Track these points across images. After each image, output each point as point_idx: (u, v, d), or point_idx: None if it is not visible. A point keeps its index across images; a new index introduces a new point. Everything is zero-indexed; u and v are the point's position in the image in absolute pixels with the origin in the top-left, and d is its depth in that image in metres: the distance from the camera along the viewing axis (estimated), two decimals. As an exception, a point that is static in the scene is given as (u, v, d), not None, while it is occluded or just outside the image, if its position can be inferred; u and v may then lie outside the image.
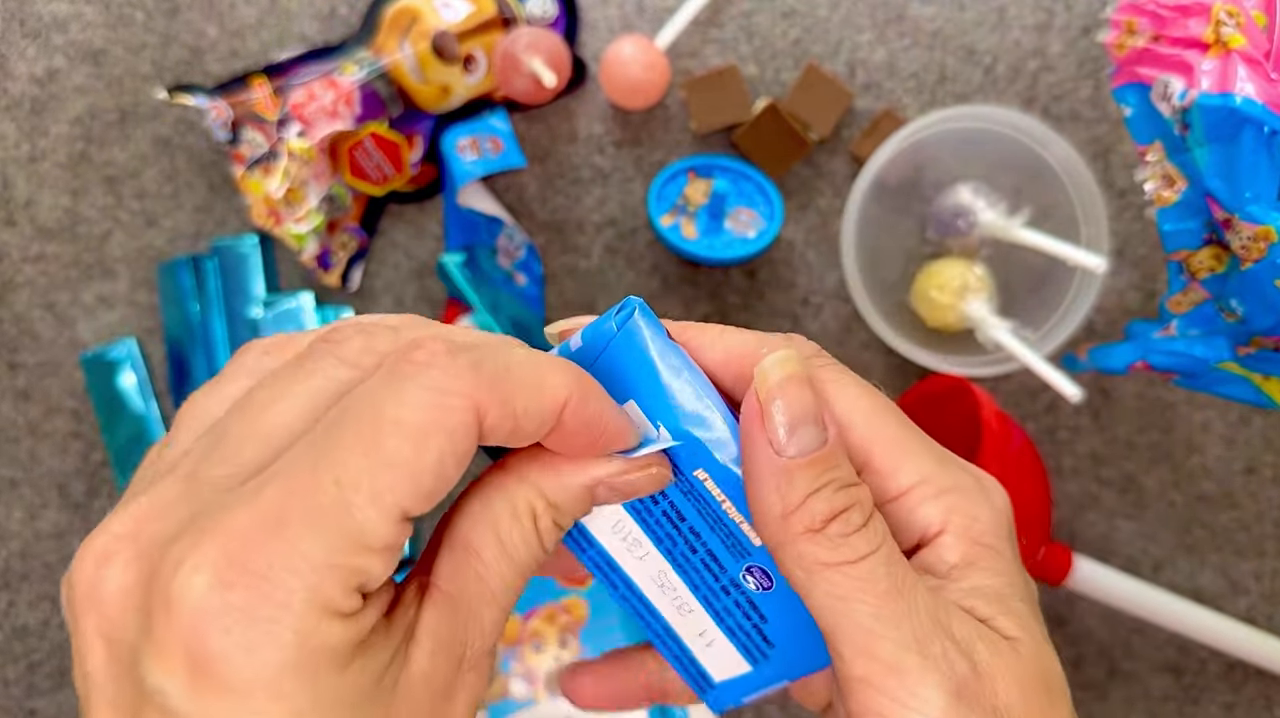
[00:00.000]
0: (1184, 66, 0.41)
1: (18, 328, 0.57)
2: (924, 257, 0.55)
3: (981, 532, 0.25)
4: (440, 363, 0.21)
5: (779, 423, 0.24)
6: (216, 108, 0.53)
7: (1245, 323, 0.43)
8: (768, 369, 0.25)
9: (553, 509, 0.24)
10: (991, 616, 0.24)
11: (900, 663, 0.23)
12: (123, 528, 0.21)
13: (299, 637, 0.19)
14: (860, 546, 0.23)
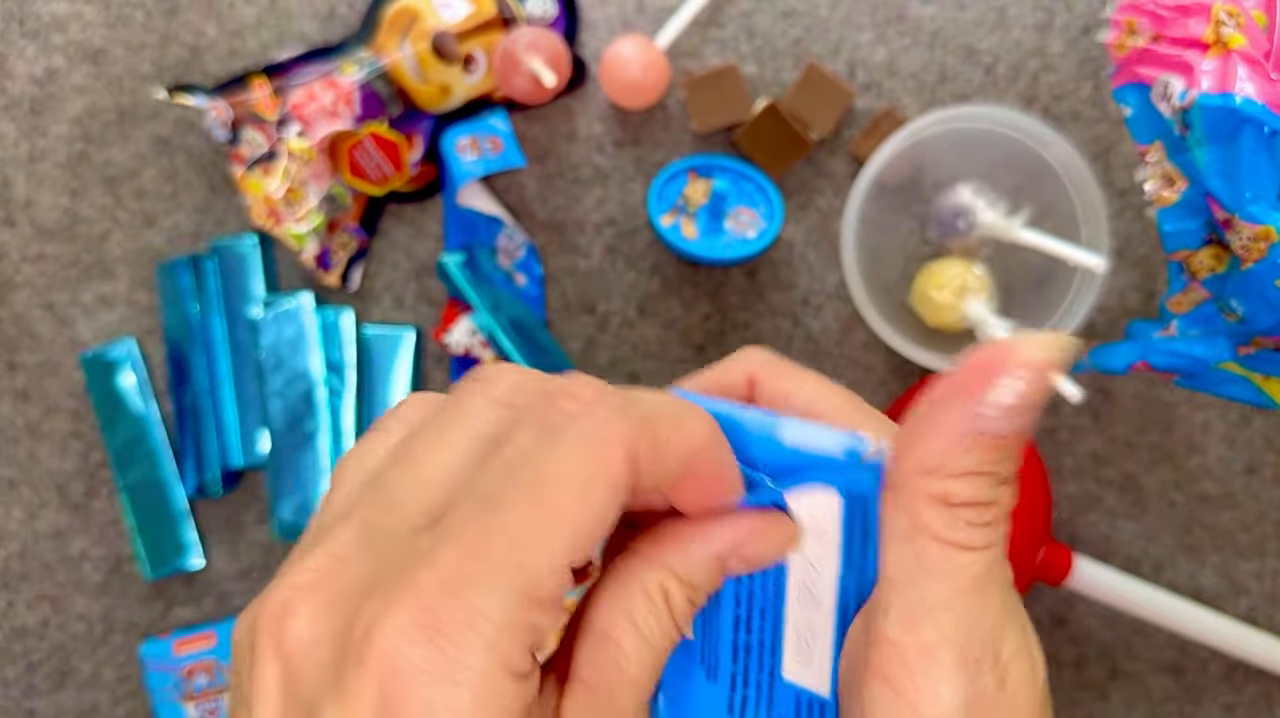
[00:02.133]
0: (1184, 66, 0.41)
1: (17, 328, 0.57)
2: (924, 257, 0.55)
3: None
4: (593, 411, 0.22)
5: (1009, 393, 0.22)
6: (216, 108, 0.53)
7: (1246, 323, 0.43)
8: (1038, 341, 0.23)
9: (686, 588, 0.24)
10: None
11: (937, 653, 0.23)
12: (304, 580, 0.22)
13: (478, 696, 0.20)
14: (978, 538, 0.23)
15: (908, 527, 0.24)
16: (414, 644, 0.20)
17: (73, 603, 0.58)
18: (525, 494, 0.21)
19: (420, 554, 0.21)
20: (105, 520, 0.58)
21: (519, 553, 0.21)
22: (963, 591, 0.23)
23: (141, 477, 0.57)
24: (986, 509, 0.23)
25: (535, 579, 0.21)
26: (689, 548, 0.24)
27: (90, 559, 0.58)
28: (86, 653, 0.58)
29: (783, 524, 0.25)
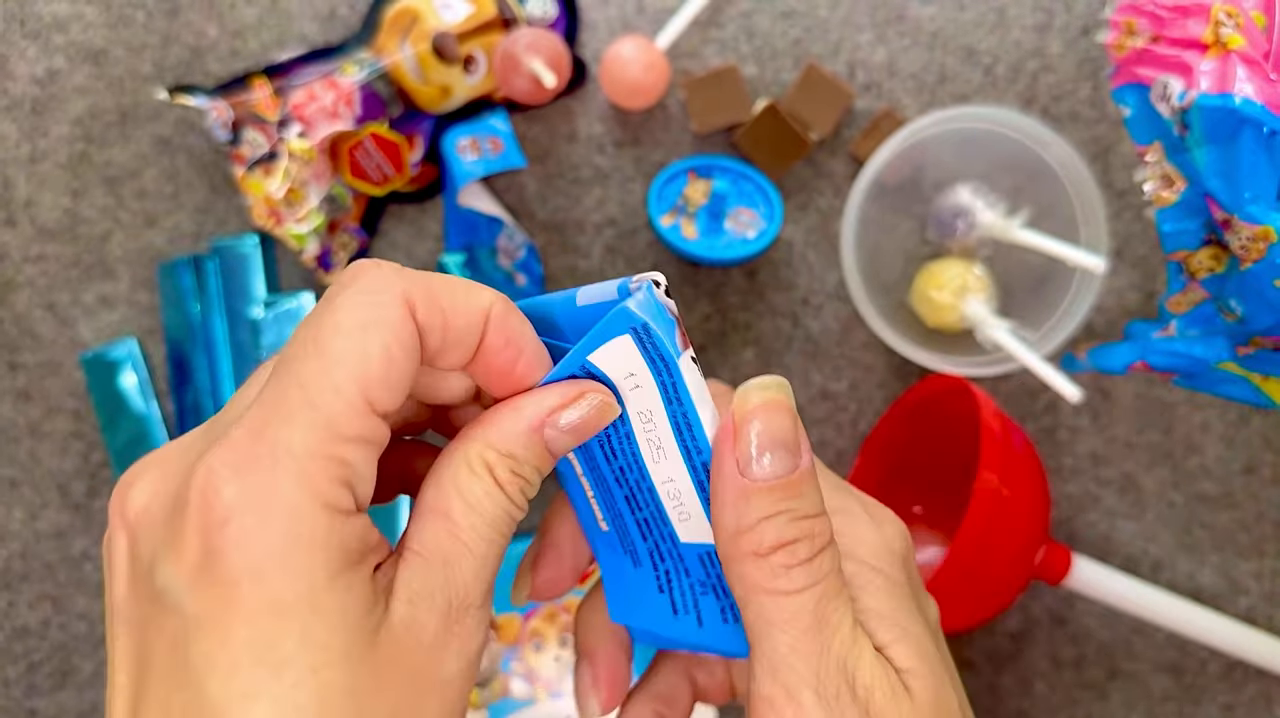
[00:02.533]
0: (1183, 67, 0.41)
1: (18, 328, 0.57)
2: (923, 257, 0.55)
3: (866, 555, 0.26)
4: (368, 272, 0.24)
5: (751, 443, 0.25)
6: (217, 108, 0.53)
7: (1244, 323, 0.43)
8: (750, 390, 0.25)
9: (507, 459, 0.25)
10: (888, 642, 0.25)
11: (798, 696, 0.24)
12: (148, 459, 0.25)
13: (291, 521, 0.22)
14: (798, 579, 0.24)
15: (742, 591, 0.25)
16: (226, 482, 0.22)
17: (74, 603, 0.58)
18: (308, 347, 0.23)
19: (236, 422, 0.23)
20: (106, 520, 0.58)
21: (309, 394, 0.23)
22: (805, 631, 0.24)
23: (142, 477, 0.57)
24: (795, 548, 0.24)
25: (330, 415, 0.22)
26: (501, 422, 0.25)
27: (91, 559, 0.58)
28: (88, 653, 0.58)
29: (586, 387, 0.26)
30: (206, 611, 0.21)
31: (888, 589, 0.26)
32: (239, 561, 0.21)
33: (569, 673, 0.55)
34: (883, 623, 0.26)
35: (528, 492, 0.25)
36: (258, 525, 0.21)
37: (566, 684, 0.55)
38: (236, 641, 0.21)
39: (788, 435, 0.25)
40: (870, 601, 0.26)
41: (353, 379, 0.23)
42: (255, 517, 0.21)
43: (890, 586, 0.26)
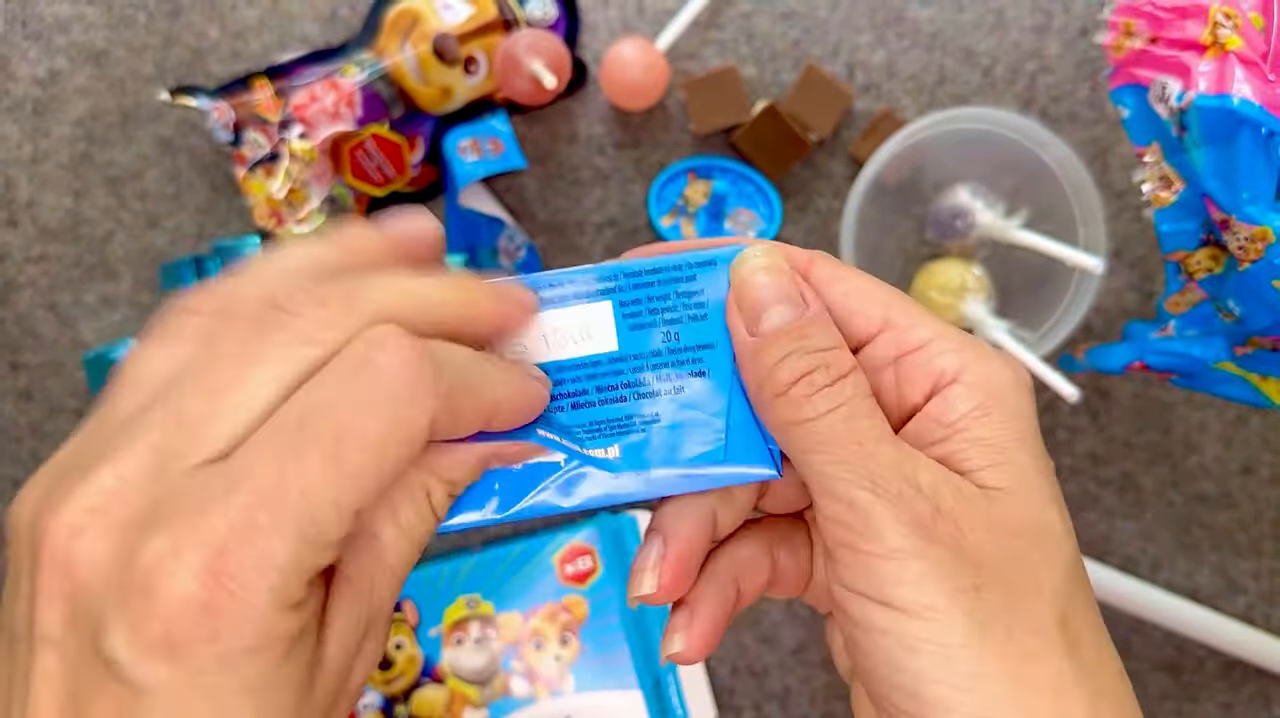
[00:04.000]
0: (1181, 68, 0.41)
1: (20, 328, 0.57)
2: (923, 257, 0.55)
3: (996, 385, 0.26)
4: (404, 373, 0.22)
5: (755, 304, 0.26)
6: (218, 109, 0.53)
7: (1242, 323, 0.43)
8: (744, 258, 0.26)
9: (448, 484, 0.25)
10: (980, 467, 0.25)
11: (855, 499, 0.24)
12: (93, 503, 0.22)
13: (259, 631, 0.21)
14: (820, 404, 0.25)
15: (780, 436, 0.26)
16: (204, 588, 0.21)
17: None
18: (323, 448, 0.21)
19: (211, 495, 0.21)
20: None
21: (310, 506, 0.21)
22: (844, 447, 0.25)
23: (144, 476, 0.57)
24: (812, 377, 0.25)
25: (323, 530, 0.21)
26: (456, 454, 0.25)
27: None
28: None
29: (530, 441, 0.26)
30: (164, 686, 0.21)
31: (1006, 418, 0.25)
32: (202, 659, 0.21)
33: (569, 672, 0.55)
34: (982, 449, 0.25)
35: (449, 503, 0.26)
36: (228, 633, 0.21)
37: (567, 683, 0.55)
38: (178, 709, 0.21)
39: (787, 290, 0.26)
40: (980, 429, 0.25)
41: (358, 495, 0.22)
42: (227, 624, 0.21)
43: (1010, 414, 0.25)
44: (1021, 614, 0.24)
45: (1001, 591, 0.24)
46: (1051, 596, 0.24)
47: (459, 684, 0.55)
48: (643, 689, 0.55)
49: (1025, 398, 0.26)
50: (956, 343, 0.26)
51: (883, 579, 0.24)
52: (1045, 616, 0.24)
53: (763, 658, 0.57)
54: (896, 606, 0.23)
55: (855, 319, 0.27)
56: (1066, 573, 0.25)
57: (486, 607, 0.56)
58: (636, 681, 0.55)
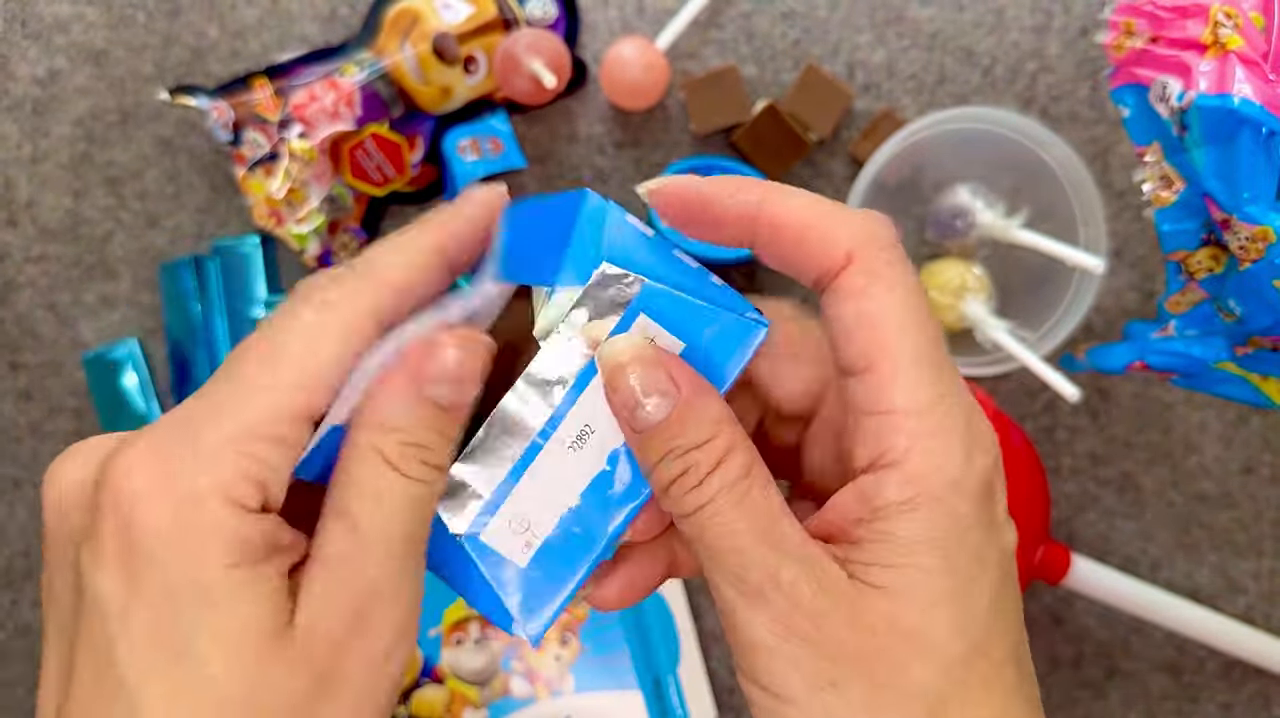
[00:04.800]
0: (1182, 68, 0.41)
1: (19, 328, 0.57)
2: (923, 257, 0.55)
3: (936, 481, 0.24)
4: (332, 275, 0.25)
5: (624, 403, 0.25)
6: (218, 109, 0.53)
7: (1243, 323, 0.43)
8: (606, 358, 0.26)
9: (395, 435, 0.25)
10: (872, 562, 0.24)
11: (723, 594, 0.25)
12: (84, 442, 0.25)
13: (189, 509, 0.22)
14: (689, 504, 0.25)
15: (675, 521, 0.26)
16: (138, 469, 0.23)
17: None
18: (259, 341, 0.24)
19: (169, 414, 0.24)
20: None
21: (242, 387, 0.23)
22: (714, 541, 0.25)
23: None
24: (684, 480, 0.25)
25: (257, 410, 0.23)
26: (378, 398, 0.25)
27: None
28: (89, 652, 0.58)
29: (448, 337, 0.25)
30: (113, 593, 0.22)
31: (925, 518, 0.24)
32: (148, 545, 0.22)
33: (569, 672, 0.55)
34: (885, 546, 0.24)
35: (434, 458, 0.25)
36: (159, 512, 0.22)
37: (567, 683, 0.55)
38: (137, 623, 0.22)
39: (654, 382, 0.25)
40: (894, 524, 0.24)
41: (296, 385, 0.23)
42: (158, 503, 0.22)
43: (934, 516, 0.24)
44: (884, 713, 0.24)
45: (863, 687, 0.24)
46: (924, 695, 0.24)
47: (459, 685, 0.55)
48: (643, 689, 0.55)
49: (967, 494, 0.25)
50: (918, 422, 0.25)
51: (753, 666, 0.25)
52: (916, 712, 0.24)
53: (763, 658, 0.57)
54: (769, 691, 0.24)
55: (848, 349, 0.25)
56: (948, 674, 0.24)
57: (486, 607, 0.56)
58: (636, 681, 0.55)
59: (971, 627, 0.24)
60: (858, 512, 0.25)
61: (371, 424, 0.25)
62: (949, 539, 0.24)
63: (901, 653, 0.24)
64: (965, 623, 0.24)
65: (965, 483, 0.24)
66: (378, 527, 0.24)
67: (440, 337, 0.25)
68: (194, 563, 0.22)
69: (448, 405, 0.25)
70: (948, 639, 0.24)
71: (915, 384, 0.25)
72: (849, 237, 0.26)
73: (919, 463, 0.24)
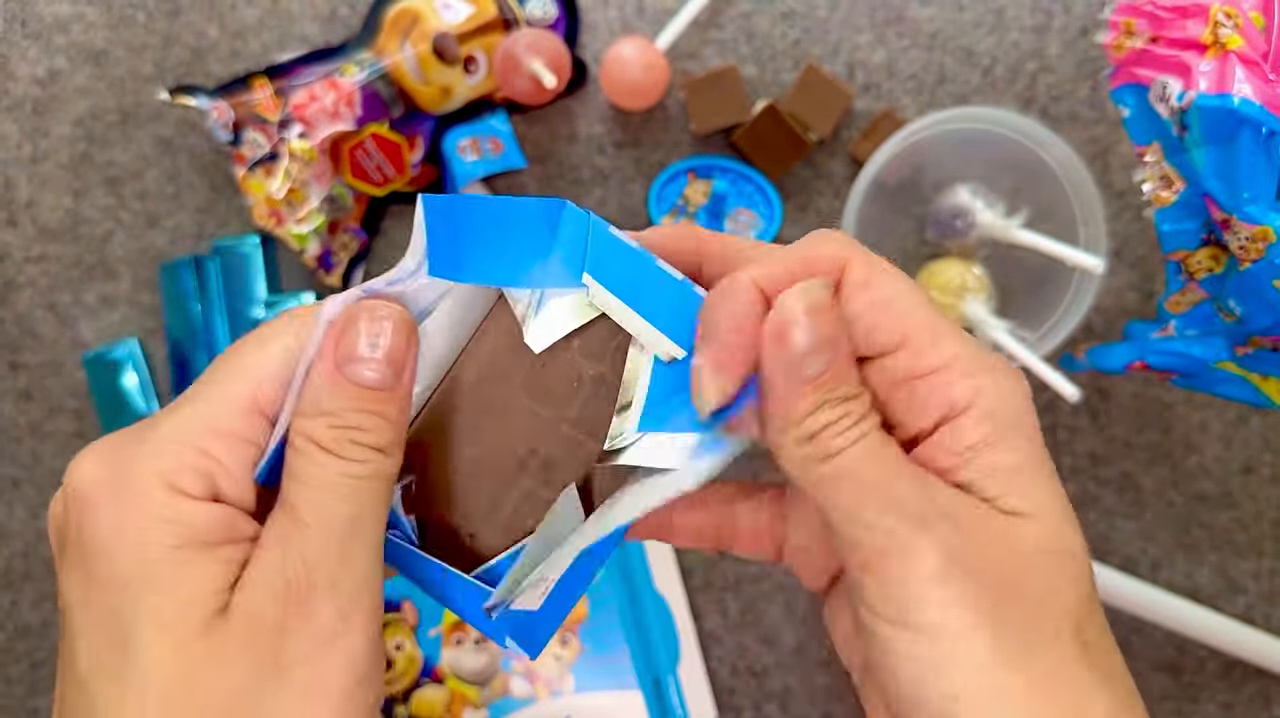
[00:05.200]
0: (1182, 68, 0.41)
1: (19, 328, 0.57)
2: (923, 257, 0.55)
3: (1006, 413, 0.26)
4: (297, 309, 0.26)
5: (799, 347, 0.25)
6: (218, 109, 0.53)
7: (1243, 323, 0.43)
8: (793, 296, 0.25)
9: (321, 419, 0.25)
10: (1000, 494, 0.25)
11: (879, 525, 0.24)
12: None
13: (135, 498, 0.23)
14: (842, 441, 0.25)
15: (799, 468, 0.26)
16: (94, 465, 0.24)
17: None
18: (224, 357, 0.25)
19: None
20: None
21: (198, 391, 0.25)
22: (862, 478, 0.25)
23: (144, 476, 0.57)
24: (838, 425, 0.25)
25: (209, 409, 0.24)
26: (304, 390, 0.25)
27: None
28: (89, 652, 0.58)
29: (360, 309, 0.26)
30: (72, 591, 0.24)
31: (1017, 444, 0.26)
32: (95, 539, 0.23)
33: (569, 672, 0.55)
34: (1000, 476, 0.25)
35: (369, 439, 0.25)
36: (110, 505, 0.23)
37: (567, 683, 0.55)
38: (92, 618, 0.23)
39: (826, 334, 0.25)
40: (994, 456, 0.25)
41: (242, 380, 0.25)
42: (105, 497, 0.23)
43: (1022, 442, 0.26)
44: (1042, 632, 0.24)
45: (1023, 610, 0.24)
46: (1070, 612, 0.25)
47: (459, 685, 0.55)
48: (643, 689, 0.55)
49: (1033, 420, 0.26)
50: (971, 367, 0.26)
51: (907, 603, 0.24)
52: (1065, 632, 0.24)
53: (763, 658, 0.57)
54: (922, 628, 0.24)
55: (876, 333, 0.26)
56: (1083, 589, 0.25)
57: (486, 607, 0.56)
58: (636, 681, 0.55)
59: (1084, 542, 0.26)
60: (947, 461, 0.26)
61: (300, 410, 0.25)
62: (1041, 462, 0.26)
63: (1054, 575, 0.25)
64: (1083, 542, 0.26)
65: (1029, 415, 0.26)
66: (313, 510, 0.24)
67: (352, 309, 0.25)
68: (137, 549, 0.23)
69: (373, 385, 0.25)
70: (1082, 555, 0.25)
71: (951, 342, 0.26)
72: (836, 250, 0.27)
73: (987, 402, 0.25)
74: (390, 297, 0.26)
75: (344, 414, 0.25)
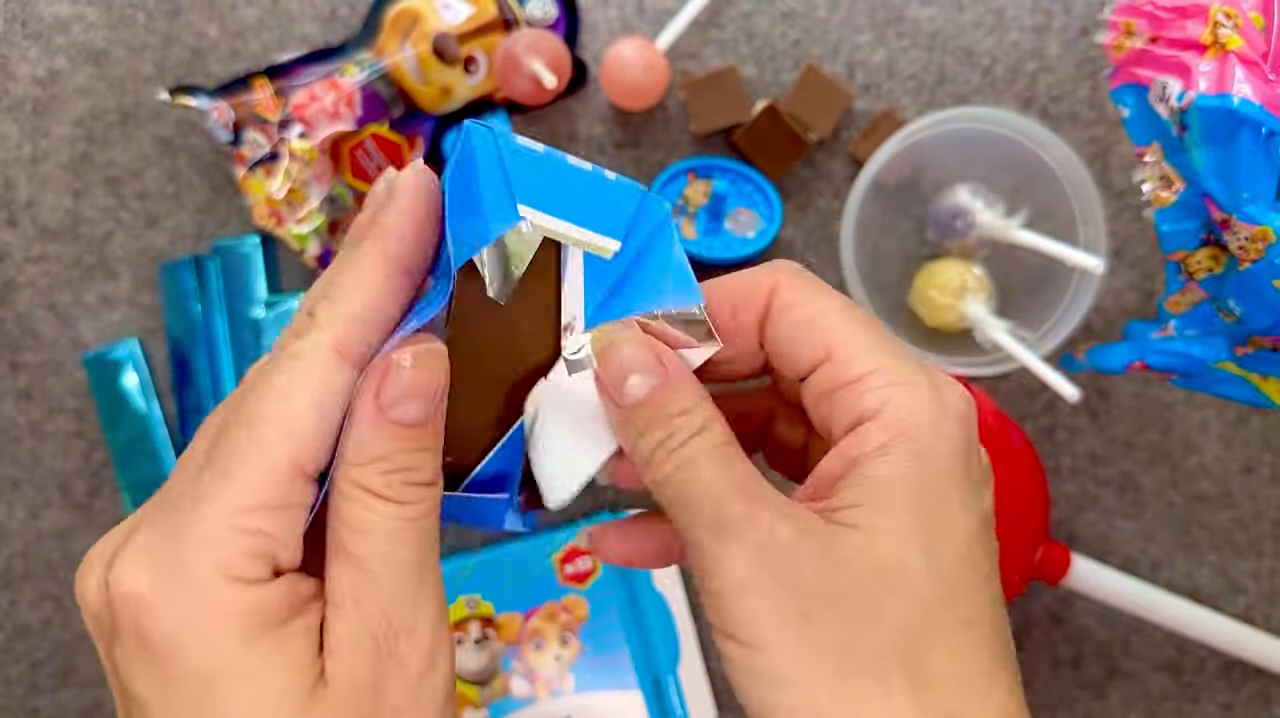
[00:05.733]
0: (1181, 68, 0.41)
1: (20, 328, 0.57)
2: (923, 257, 0.55)
3: (910, 424, 0.25)
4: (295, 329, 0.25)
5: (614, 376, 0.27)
6: (218, 109, 0.53)
7: (1243, 323, 0.43)
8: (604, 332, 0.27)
9: (373, 466, 0.24)
10: (849, 505, 0.25)
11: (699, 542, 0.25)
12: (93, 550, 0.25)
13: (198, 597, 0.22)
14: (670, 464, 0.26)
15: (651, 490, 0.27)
16: (142, 570, 0.23)
17: (75, 602, 0.58)
18: (239, 415, 0.24)
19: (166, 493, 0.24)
20: (108, 520, 0.58)
21: (228, 466, 0.23)
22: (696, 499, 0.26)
23: (144, 476, 0.57)
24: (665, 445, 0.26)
25: (246, 486, 0.23)
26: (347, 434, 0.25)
27: (92, 559, 0.58)
28: (89, 652, 0.58)
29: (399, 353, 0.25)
30: (149, 690, 0.23)
31: (900, 459, 0.25)
32: (162, 640, 0.22)
33: (569, 672, 0.55)
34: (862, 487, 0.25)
35: (419, 477, 0.25)
36: (171, 606, 0.22)
37: (567, 683, 0.55)
38: (175, 706, 0.23)
39: (643, 359, 0.27)
40: (872, 467, 0.25)
41: (280, 444, 0.23)
42: (163, 602, 0.22)
43: (906, 456, 0.25)
44: (857, 649, 0.24)
45: (836, 622, 0.24)
46: (897, 633, 0.24)
47: (459, 684, 0.55)
48: (643, 689, 0.55)
49: (942, 437, 0.26)
50: (888, 378, 0.26)
51: (727, 615, 0.25)
52: (886, 653, 0.24)
53: (763, 658, 0.57)
54: (741, 638, 0.25)
55: (801, 350, 0.27)
56: (922, 613, 0.24)
57: (486, 607, 0.56)
58: (636, 680, 0.55)
59: (944, 570, 0.25)
60: (839, 468, 0.26)
61: (349, 459, 0.24)
62: (923, 479, 0.25)
63: (876, 589, 0.24)
64: (937, 565, 0.25)
65: (941, 426, 0.26)
66: (381, 560, 0.24)
67: (392, 354, 0.25)
68: (212, 648, 0.22)
69: (418, 422, 0.25)
70: (920, 576, 0.25)
71: (872, 352, 0.26)
72: (768, 275, 0.28)
73: (893, 411, 0.26)
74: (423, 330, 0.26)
75: (395, 458, 0.24)
